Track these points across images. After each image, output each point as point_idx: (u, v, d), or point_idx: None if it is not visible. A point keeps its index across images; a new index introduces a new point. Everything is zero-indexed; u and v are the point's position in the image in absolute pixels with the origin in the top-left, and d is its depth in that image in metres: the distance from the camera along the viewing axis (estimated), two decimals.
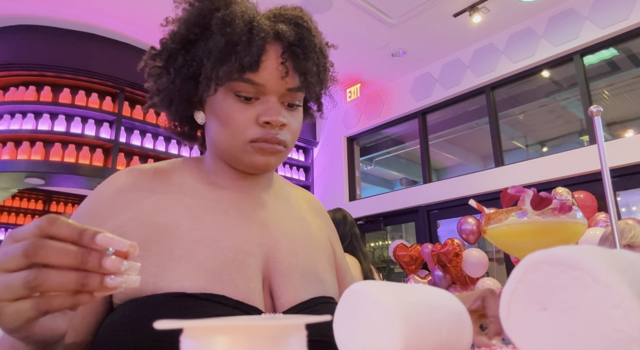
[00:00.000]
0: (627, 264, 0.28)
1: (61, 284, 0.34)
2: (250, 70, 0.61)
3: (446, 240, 3.47)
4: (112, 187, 0.65)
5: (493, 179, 3.93)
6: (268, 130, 0.63)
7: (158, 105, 0.71)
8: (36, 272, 0.34)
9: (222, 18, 0.62)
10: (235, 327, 0.26)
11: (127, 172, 0.67)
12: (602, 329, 0.27)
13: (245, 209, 0.68)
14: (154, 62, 0.70)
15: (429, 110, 4.73)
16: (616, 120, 4.53)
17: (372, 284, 0.40)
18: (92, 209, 0.62)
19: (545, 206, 0.57)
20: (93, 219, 0.61)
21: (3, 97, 3.80)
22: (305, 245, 0.71)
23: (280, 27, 0.63)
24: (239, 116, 0.63)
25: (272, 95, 0.64)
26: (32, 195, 5.50)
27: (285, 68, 0.63)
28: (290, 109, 0.67)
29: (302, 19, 0.66)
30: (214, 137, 0.67)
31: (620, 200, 3.91)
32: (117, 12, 3.77)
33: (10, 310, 0.34)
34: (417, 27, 4.08)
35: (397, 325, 0.36)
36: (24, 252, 0.33)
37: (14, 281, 0.34)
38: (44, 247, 0.34)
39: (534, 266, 0.31)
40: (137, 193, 0.64)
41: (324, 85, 0.72)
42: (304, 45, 0.65)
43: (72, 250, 0.34)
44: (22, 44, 3.87)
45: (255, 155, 0.65)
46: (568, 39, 3.71)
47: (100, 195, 0.64)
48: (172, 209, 0.63)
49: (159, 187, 0.66)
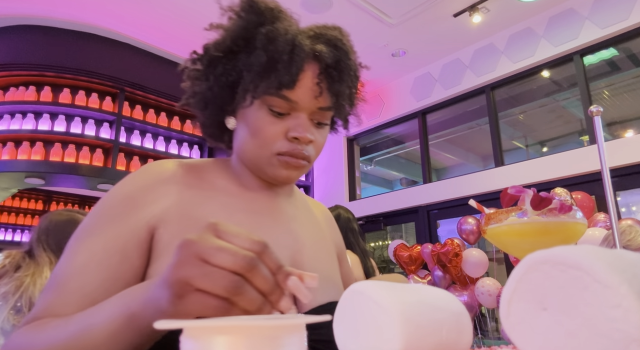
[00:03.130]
0: (627, 264, 0.28)
1: (250, 302, 0.37)
2: (287, 87, 0.64)
3: (446, 240, 3.47)
4: (152, 175, 0.66)
5: (493, 179, 3.93)
6: (295, 145, 0.66)
7: (192, 106, 0.73)
8: (242, 282, 0.36)
9: (266, 34, 0.64)
10: (235, 327, 0.26)
11: (165, 164, 0.69)
12: (602, 329, 0.27)
13: (274, 211, 0.72)
14: (193, 65, 0.72)
15: (429, 110, 4.73)
16: (616, 120, 4.53)
17: (372, 284, 0.40)
18: (132, 193, 0.63)
19: (545, 206, 0.57)
20: (133, 203, 0.62)
21: (3, 97, 3.80)
22: (325, 252, 0.75)
23: (319, 48, 0.65)
24: (269, 129, 0.66)
25: (303, 112, 0.67)
26: (32, 195, 5.49)
27: (320, 88, 0.66)
28: (318, 127, 0.70)
29: (342, 41, 0.68)
30: (242, 145, 0.70)
31: (620, 200, 3.91)
32: (117, 12, 3.77)
33: (196, 297, 0.37)
34: (417, 27, 4.08)
35: (397, 325, 0.36)
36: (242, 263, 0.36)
37: (221, 278, 0.36)
38: (257, 268, 0.37)
39: (534, 266, 0.31)
40: (175, 185, 0.66)
41: (353, 106, 0.74)
42: (340, 68, 0.67)
43: (272, 280, 0.37)
44: (22, 44, 3.87)
45: (279, 168, 0.67)
46: (568, 39, 3.71)
47: (141, 181, 0.65)
48: (207, 204, 0.65)
49: (194, 182, 0.68)
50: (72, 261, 0.57)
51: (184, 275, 0.36)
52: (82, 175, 3.74)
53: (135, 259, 0.59)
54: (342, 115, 0.72)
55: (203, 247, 0.37)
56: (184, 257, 0.37)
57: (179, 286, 0.37)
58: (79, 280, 0.55)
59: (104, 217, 0.61)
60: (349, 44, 0.70)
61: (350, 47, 0.70)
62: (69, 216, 1.83)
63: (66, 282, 0.55)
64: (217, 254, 0.36)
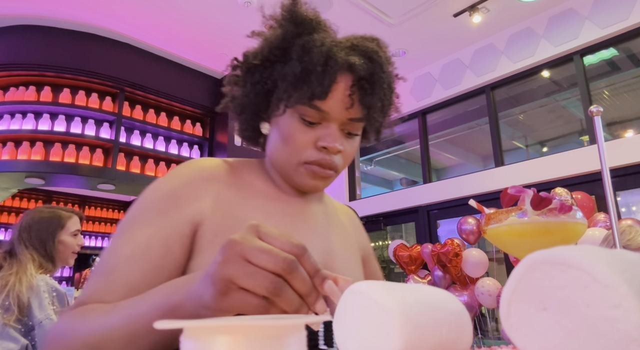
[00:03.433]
0: (627, 264, 0.28)
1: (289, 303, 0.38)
2: (319, 98, 0.65)
3: (446, 240, 3.47)
4: (195, 172, 0.68)
5: (493, 179, 3.93)
6: (323, 154, 0.68)
7: (230, 110, 0.76)
8: (282, 283, 0.38)
9: (302, 45, 0.66)
10: (235, 327, 0.26)
11: (208, 162, 0.71)
12: (602, 328, 0.27)
13: (308, 216, 0.73)
14: (234, 71, 0.74)
15: (429, 110, 4.73)
16: (616, 120, 4.53)
17: (372, 284, 0.40)
18: (176, 189, 0.65)
19: (545, 206, 0.57)
20: (177, 199, 0.64)
21: (3, 97, 3.80)
22: (353, 258, 0.77)
23: (354, 60, 0.66)
24: (299, 137, 0.67)
25: (333, 123, 0.68)
26: (32, 195, 5.50)
27: (352, 100, 0.67)
28: (348, 137, 0.71)
29: (377, 53, 0.69)
30: (273, 151, 0.72)
31: (620, 200, 3.91)
32: (117, 12, 3.77)
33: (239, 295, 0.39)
34: (417, 27, 4.08)
35: (397, 325, 0.36)
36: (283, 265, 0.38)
37: (263, 279, 0.37)
38: (297, 271, 0.38)
39: (534, 266, 0.31)
40: (216, 184, 0.68)
41: (386, 118, 0.75)
42: (373, 81, 0.68)
43: (309, 283, 0.39)
44: (22, 44, 3.87)
45: (306, 177, 0.69)
46: (568, 39, 3.71)
47: (185, 178, 0.67)
48: (246, 204, 0.67)
49: (234, 182, 0.70)
50: (118, 251, 0.59)
51: (228, 273, 0.38)
52: (82, 175, 3.74)
53: (178, 253, 0.61)
54: (374, 126, 0.73)
55: (247, 248, 0.38)
56: (229, 256, 0.39)
57: (223, 284, 0.39)
58: (124, 270, 0.57)
59: (149, 211, 0.63)
60: (385, 56, 0.71)
61: (386, 59, 0.71)
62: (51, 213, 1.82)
63: (112, 271, 0.58)
64: (260, 255, 0.38)
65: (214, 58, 4.40)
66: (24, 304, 1.55)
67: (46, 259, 1.74)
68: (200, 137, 4.59)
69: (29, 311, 1.57)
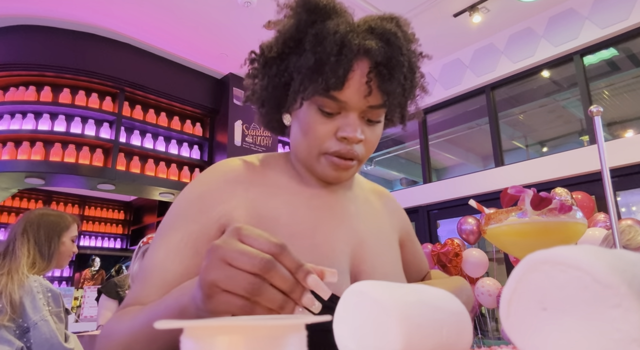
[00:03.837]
0: (627, 264, 0.28)
1: (271, 301, 0.39)
2: (335, 89, 0.63)
3: (446, 240, 3.47)
4: (219, 176, 0.70)
5: (493, 179, 3.93)
6: (344, 145, 0.66)
7: (252, 102, 0.76)
8: (261, 283, 0.39)
9: (315, 35, 0.64)
10: (235, 327, 0.26)
11: (231, 163, 0.72)
12: (602, 328, 0.27)
13: (334, 207, 0.73)
14: (252, 65, 0.73)
15: (429, 110, 4.73)
16: (616, 120, 4.53)
17: (372, 284, 0.40)
18: (202, 193, 0.67)
19: (545, 206, 0.57)
20: (203, 203, 0.66)
21: (3, 97, 3.80)
22: (386, 245, 0.76)
23: (370, 44, 0.64)
24: (319, 128, 0.66)
25: (353, 112, 0.66)
26: (32, 195, 5.50)
27: (369, 88, 0.64)
28: (370, 124, 0.69)
29: (396, 35, 0.66)
30: (295, 143, 0.72)
31: (620, 200, 3.91)
32: (117, 12, 3.77)
33: (222, 298, 0.40)
34: (417, 27, 4.05)
35: (397, 325, 0.36)
36: (260, 265, 0.39)
37: (242, 280, 0.39)
38: (275, 269, 0.39)
39: (534, 266, 0.31)
40: (240, 184, 0.69)
41: (410, 100, 0.73)
42: (392, 66, 0.65)
43: (290, 279, 0.40)
44: (22, 44, 3.87)
45: (327, 168, 0.68)
46: (568, 39, 3.71)
47: (209, 182, 0.69)
48: (271, 202, 0.68)
49: (257, 180, 0.71)
50: (154, 256, 0.63)
51: (211, 277, 0.40)
52: (82, 175, 3.75)
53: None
54: (396, 111, 0.71)
55: (227, 251, 0.40)
56: (211, 261, 0.40)
57: (208, 287, 0.40)
58: (159, 273, 0.61)
59: (179, 216, 0.66)
60: (406, 36, 0.69)
61: (406, 39, 0.68)
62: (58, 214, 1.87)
63: (149, 275, 0.61)
64: (238, 257, 0.39)
65: (214, 58, 4.40)
66: (16, 302, 1.54)
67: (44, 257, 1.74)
68: (200, 137, 4.59)
69: (23, 312, 1.55)
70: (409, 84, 0.69)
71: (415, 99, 0.74)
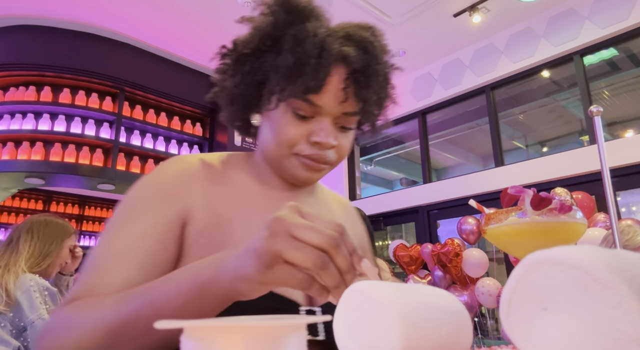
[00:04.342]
0: (627, 264, 0.28)
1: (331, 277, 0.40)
2: (313, 92, 0.63)
3: (446, 240, 3.47)
4: (179, 170, 0.67)
5: (493, 179, 3.93)
6: (317, 150, 0.66)
7: (220, 99, 0.73)
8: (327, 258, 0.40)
9: (294, 36, 0.63)
10: (235, 327, 0.26)
11: (191, 158, 0.70)
12: (602, 329, 0.27)
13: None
14: (223, 60, 0.72)
15: (429, 110, 4.73)
16: (616, 120, 4.53)
17: (372, 284, 0.40)
18: (163, 184, 0.65)
19: (545, 206, 0.57)
20: (166, 193, 0.63)
21: (3, 97, 3.80)
22: None
23: (348, 51, 0.63)
24: (292, 131, 0.65)
25: (327, 117, 0.66)
26: (32, 195, 5.49)
27: (346, 94, 0.64)
28: (343, 131, 0.68)
29: (372, 43, 0.66)
30: (265, 143, 0.70)
31: (620, 200, 3.91)
32: (117, 12, 3.77)
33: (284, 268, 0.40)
34: (417, 27, 4.08)
35: (397, 325, 0.36)
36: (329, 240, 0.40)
37: (309, 252, 0.39)
38: (341, 247, 0.40)
39: (534, 266, 0.31)
40: (200, 180, 0.67)
41: (382, 110, 0.73)
42: (368, 74, 0.65)
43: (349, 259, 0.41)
44: (22, 44, 3.86)
45: (299, 168, 0.67)
46: (568, 39, 3.71)
47: (170, 173, 0.66)
48: (229, 201, 0.67)
49: (218, 179, 0.69)
50: (111, 245, 0.59)
51: (276, 247, 0.40)
52: (82, 175, 3.74)
53: (172, 252, 0.61)
54: (369, 119, 0.72)
55: (293, 224, 0.40)
56: (276, 231, 0.40)
57: (270, 257, 0.40)
58: (121, 264, 0.57)
59: (139, 205, 0.62)
60: (381, 45, 0.68)
61: (381, 49, 0.68)
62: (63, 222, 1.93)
63: (107, 265, 0.57)
64: (305, 231, 0.40)
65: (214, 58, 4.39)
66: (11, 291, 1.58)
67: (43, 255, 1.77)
68: (200, 137, 4.58)
69: (20, 311, 1.57)
70: (383, 94, 0.70)
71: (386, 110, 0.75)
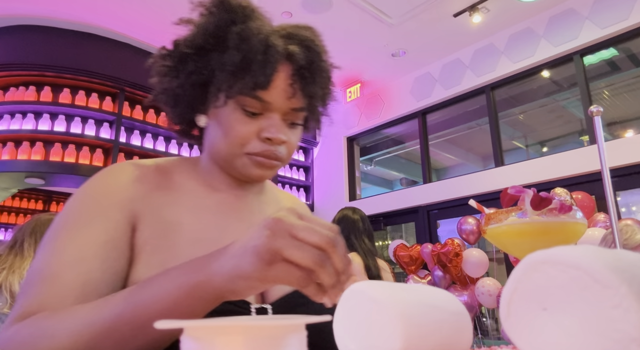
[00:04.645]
0: (627, 264, 0.28)
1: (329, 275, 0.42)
2: (261, 88, 0.63)
3: (446, 240, 3.47)
4: (123, 174, 0.66)
5: (493, 179, 3.93)
6: (268, 146, 0.66)
7: (162, 102, 0.72)
8: (325, 256, 0.41)
9: (239, 33, 0.63)
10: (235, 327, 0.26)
11: (132, 164, 0.68)
12: (602, 329, 0.27)
13: (243, 212, 0.72)
14: (163, 61, 0.70)
15: (429, 110, 4.73)
16: (616, 120, 4.53)
17: (372, 284, 0.40)
18: (109, 189, 0.63)
19: (545, 206, 0.57)
20: (113, 199, 0.61)
21: (3, 97, 3.80)
22: None
23: (292, 49, 0.65)
24: (241, 129, 0.65)
25: (276, 113, 0.66)
26: (32, 195, 5.49)
27: (294, 90, 0.66)
28: (291, 127, 0.69)
29: (314, 42, 0.68)
30: (214, 143, 0.69)
31: (620, 200, 3.91)
32: (117, 12, 3.77)
33: (283, 266, 0.42)
34: (417, 27, 4.08)
35: (397, 325, 0.36)
36: (328, 240, 0.42)
37: (309, 251, 0.41)
38: (338, 247, 0.42)
39: (534, 266, 0.31)
40: (144, 186, 0.66)
41: (326, 106, 0.75)
42: (313, 70, 0.67)
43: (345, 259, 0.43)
44: (22, 44, 3.86)
45: (251, 167, 0.67)
46: (568, 39, 3.71)
47: (114, 179, 0.64)
48: (175, 206, 0.66)
49: (162, 183, 0.68)
50: (60, 255, 0.56)
51: (277, 245, 0.41)
52: (82, 175, 3.74)
53: (126, 258, 0.59)
54: (315, 116, 0.73)
55: (291, 225, 0.42)
56: (276, 231, 0.42)
57: (270, 255, 0.41)
58: (76, 272, 0.55)
59: (84, 212, 0.60)
60: (321, 44, 0.70)
61: (322, 48, 0.69)
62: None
63: (59, 276, 0.54)
64: (305, 231, 0.42)
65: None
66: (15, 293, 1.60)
67: None
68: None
69: None
70: (327, 90, 0.71)
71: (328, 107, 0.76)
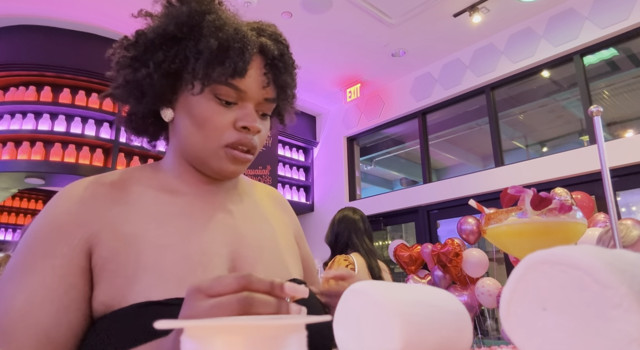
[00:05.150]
0: (627, 264, 0.28)
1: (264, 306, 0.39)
2: (239, 75, 0.63)
3: (446, 240, 3.47)
4: (71, 199, 0.63)
5: (493, 179, 3.93)
6: (244, 135, 0.66)
7: (122, 96, 0.69)
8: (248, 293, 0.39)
9: (214, 22, 0.64)
10: (235, 327, 0.26)
11: (83, 183, 0.66)
12: (602, 329, 0.27)
13: (210, 211, 0.69)
14: (125, 52, 0.67)
15: (429, 110, 4.73)
16: (616, 120, 4.53)
17: (372, 284, 0.40)
18: (56, 221, 0.60)
19: (545, 206, 0.57)
20: (61, 232, 0.59)
21: (3, 97, 3.80)
22: (270, 239, 0.73)
23: (264, 41, 0.67)
24: (217, 119, 0.65)
25: (250, 102, 0.67)
26: (32, 195, 5.49)
27: (267, 79, 0.67)
28: (262, 118, 0.70)
29: (282, 36, 0.71)
30: (185, 138, 0.67)
31: (620, 200, 3.91)
32: (117, 12, 3.77)
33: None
34: (417, 27, 4.08)
35: (397, 325, 0.36)
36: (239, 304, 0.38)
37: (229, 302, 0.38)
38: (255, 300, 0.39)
39: (534, 266, 0.31)
40: (99, 204, 0.63)
41: (293, 100, 0.76)
42: (284, 61, 0.69)
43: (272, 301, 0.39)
44: (22, 44, 3.87)
45: (225, 161, 0.66)
46: (568, 39, 3.71)
47: (61, 208, 0.62)
48: (136, 218, 0.63)
49: (118, 198, 0.65)
50: (11, 304, 0.54)
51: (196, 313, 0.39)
52: (82, 175, 3.74)
53: (82, 286, 0.58)
54: (285, 108, 0.75)
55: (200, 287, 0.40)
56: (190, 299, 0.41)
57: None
58: (27, 321, 0.53)
59: (34, 253, 0.58)
60: (287, 41, 0.72)
61: (288, 43, 0.72)
62: None
63: (12, 326, 0.53)
64: (214, 285, 0.40)
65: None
66: None
67: None
68: None
69: None
70: (295, 84, 0.73)
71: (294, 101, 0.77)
